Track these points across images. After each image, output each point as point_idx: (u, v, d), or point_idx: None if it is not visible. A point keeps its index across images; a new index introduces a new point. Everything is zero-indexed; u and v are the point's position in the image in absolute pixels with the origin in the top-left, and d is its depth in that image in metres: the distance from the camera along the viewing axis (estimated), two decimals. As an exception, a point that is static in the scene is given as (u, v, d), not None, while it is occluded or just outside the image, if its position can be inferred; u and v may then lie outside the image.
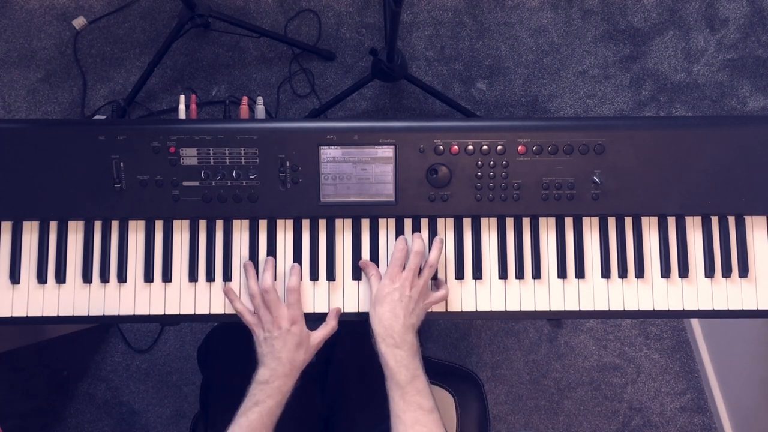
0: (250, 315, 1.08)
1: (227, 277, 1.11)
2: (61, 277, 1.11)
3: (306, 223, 1.13)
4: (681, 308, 1.12)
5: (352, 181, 1.11)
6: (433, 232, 1.12)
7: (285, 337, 1.05)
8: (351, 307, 1.12)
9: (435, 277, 1.12)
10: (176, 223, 1.12)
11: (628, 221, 1.13)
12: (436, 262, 1.10)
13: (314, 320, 1.11)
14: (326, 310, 1.11)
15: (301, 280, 1.11)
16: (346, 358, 1.28)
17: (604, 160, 1.10)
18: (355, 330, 1.27)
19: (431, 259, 1.09)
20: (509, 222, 1.13)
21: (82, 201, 1.10)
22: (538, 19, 1.99)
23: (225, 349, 1.30)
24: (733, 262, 1.12)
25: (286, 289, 1.08)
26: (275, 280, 1.09)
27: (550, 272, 1.12)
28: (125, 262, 1.11)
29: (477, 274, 1.12)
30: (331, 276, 1.12)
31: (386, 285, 1.06)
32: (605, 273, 1.12)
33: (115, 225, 1.12)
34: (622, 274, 1.12)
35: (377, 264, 1.12)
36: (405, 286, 1.06)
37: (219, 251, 1.12)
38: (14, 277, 1.11)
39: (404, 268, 1.08)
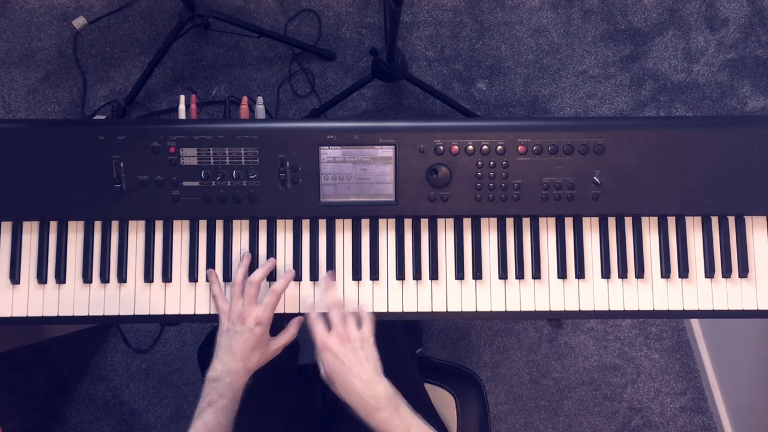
0: (224, 300, 1.07)
1: (227, 277, 1.11)
2: (61, 277, 1.11)
3: (306, 223, 1.13)
4: (681, 308, 1.12)
5: (352, 181, 1.11)
6: (433, 232, 1.12)
7: (245, 335, 1.03)
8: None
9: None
10: (176, 223, 1.12)
11: (628, 221, 1.13)
12: (342, 303, 1.06)
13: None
14: (326, 311, 1.11)
15: (287, 285, 1.09)
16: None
17: (604, 160, 1.10)
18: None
19: (338, 302, 1.05)
20: (509, 222, 1.13)
21: (82, 201, 1.10)
22: (538, 19, 1.99)
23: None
24: (733, 262, 1.12)
25: (269, 289, 1.07)
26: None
27: (550, 272, 1.12)
28: (125, 262, 1.11)
29: (477, 274, 1.12)
30: (330, 276, 1.11)
31: (327, 357, 1.01)
32: (605, 273, 1.12)
33: (115, 225, 1.12)
34: (622, 274, 1.12)
35: (377, 265, 1.11)
36: (341, 345, 1.01)
37: (219, 251, 1.12)
38: (14, 277, 1.11)
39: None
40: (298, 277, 1.12)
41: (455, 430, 1.30)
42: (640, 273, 1.12)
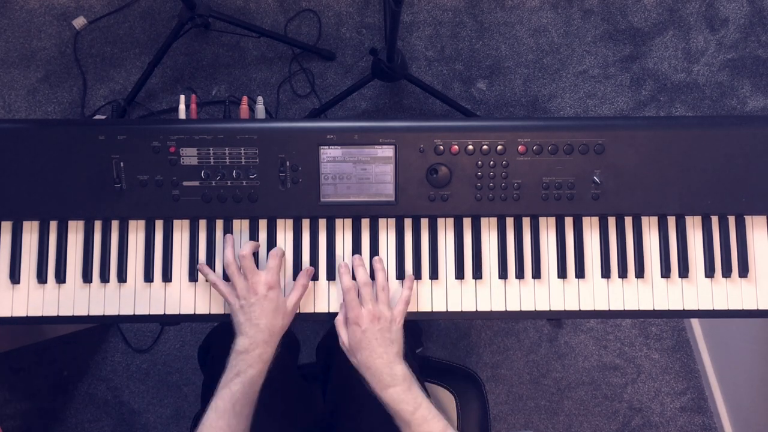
0: (224, 285, 1.07)
1: (227, 277, 1.11)
2: (61, 277, 1.11)
3: (306, 223, 1.13)
4: (681, 308, 1.12)
5: (352, 181, 1.11)
6: (433, 232, 1.12)
7: (262, 303, 1.03)
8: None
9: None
10: (176, 223, 1.12)
11: (628, 221, 1.13)
12: (386, 283, 1.08)
13: (315, 320, 1.11)
14: (327, 310, 1.11)
15: (282, 253, 1.10)
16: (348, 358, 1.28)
17: (604, 160, 1.10)
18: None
19: (380, 282, 1.07)
20: (509, 222, 1.13)
21: (82, 201, 1.10)
22: (538, 19, 1.99)
23: (226, 349, 1.30)
24: (733, 262, 1.12)
25: (268, 255, 1.08)
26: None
27: (550, 272, 1.12)
28: (125, 262, 1.11)
29: (477, 274, 1.12)
30: (331, 275, 1.12)
31: (355, 331, 1.04)
32: (605, 273, 1.12)
33: (115, 225, 1.12)
34: (622, 274, 1.12)
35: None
36: (371, 323, 1.03)
37: (219, 251, 1.12)
38: (14, 277, 1.11)
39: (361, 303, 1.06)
40: (298, 277, 1.12)
41: (456, 429, 1.30)
42: (640, 273, 1.12)
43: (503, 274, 1.12)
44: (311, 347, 1.76)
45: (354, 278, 1.08)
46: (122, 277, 1.11)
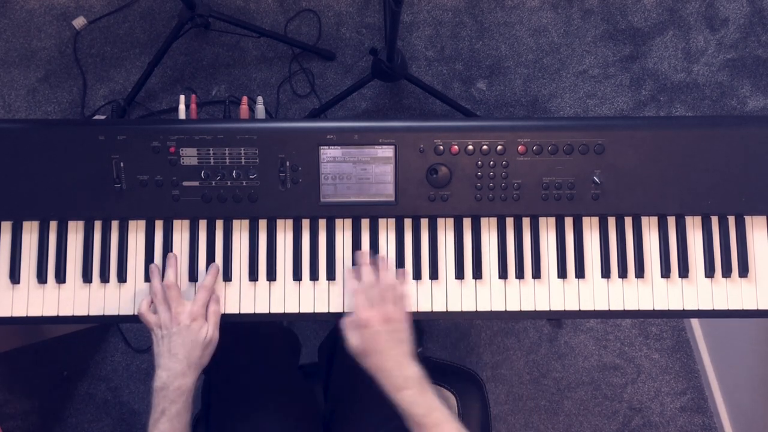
0: (149, 314, 1.06)
1: (227, 277, 1.11)
2: (61, 277, 1.11)
3: (306, 223, 1.13)
4: (681, 308, 1.12)
5: (352, 181, 1.11)
6: (433, 232, 1.12)
7: (183, 333, 1.02)
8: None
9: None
10: (176, 223, 1.12)
11: (628, 221, 1.13)
12: (393, 281, 1.07)
13: (316, 320, 1.11)
14: (326, 311, 1.11)
15: (215, 280, 1.09)
16: (350, 357, 1.28)
17: (604, 160, 1.10)
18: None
19: (386, 281, 1.06)
20: (509, 222, 1.13)
21: (82, 201, 1.10)
22: (538, 19, 1.99)
23: (225, 349, 1.30)
24: (733, 262, 1.12)
25: (198, 286, 1.07)
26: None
27: (550, 272, 1.12)
28: (125, 262, 1.11)
29: (477, 274, 1.12)
30: (331, 275, 1.12)
31: (364, 334, 1.02)
32: (605, 273, 1.12)
33: (115, 225, 1.12)
34: (622, 274, 1.12)
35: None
36: (382, 324, 1.02)
37: (219, 251, 1.12)
38: (14, 277, 1.11)
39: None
40: (298, 277, 1.12)
41: (455, 430, 1.30)
42: (640, 273, 1.12)
43: (503, 274, 1.12)
44: (312, 347, 1.76)
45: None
46: (122, 277, 1.11)
